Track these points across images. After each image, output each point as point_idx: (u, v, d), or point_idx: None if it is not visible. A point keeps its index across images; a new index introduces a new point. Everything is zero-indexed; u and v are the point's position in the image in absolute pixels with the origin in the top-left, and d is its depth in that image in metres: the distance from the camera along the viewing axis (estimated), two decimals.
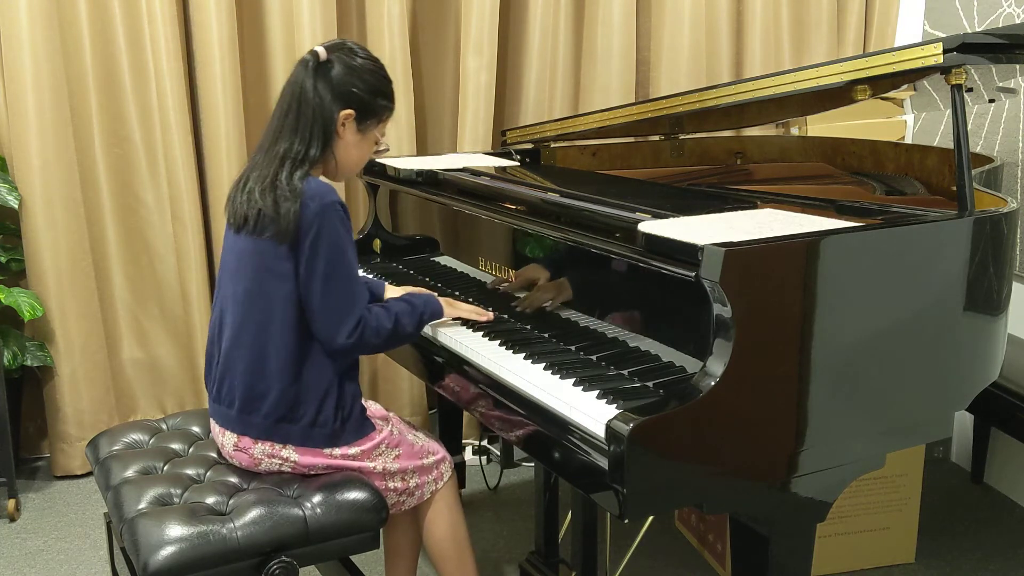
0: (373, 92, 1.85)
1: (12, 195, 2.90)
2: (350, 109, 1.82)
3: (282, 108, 1.84)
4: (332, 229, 1.75)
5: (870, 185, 2.36)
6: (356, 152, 1.88)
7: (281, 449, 1.82)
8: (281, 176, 1.76)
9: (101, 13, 3.01)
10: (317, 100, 1.80)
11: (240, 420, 1.82)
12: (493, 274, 2.06)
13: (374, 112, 1.87)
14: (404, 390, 3.32)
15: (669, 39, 3.33)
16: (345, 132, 1.84)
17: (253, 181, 1.79)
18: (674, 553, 2.68)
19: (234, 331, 1.82)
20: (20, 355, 2.93)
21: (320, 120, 1.81)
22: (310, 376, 1.80)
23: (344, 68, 1.82)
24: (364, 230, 2.67)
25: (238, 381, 1.81)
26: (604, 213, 1.76)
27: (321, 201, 1.74)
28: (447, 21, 3.28)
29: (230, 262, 1.85)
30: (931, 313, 1.60)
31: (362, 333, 1.78)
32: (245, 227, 1.78)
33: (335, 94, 1.81)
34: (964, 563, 2.63)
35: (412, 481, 1.92)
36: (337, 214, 1.76)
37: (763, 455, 1.46)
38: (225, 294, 1.86)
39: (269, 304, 1.78)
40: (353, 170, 1.93)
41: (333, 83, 1.81)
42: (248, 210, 1.77)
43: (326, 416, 1.82)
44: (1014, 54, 1.78)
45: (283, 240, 1.74)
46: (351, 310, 1.77)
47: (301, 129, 1.80)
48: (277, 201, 1.74)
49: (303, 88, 1.81)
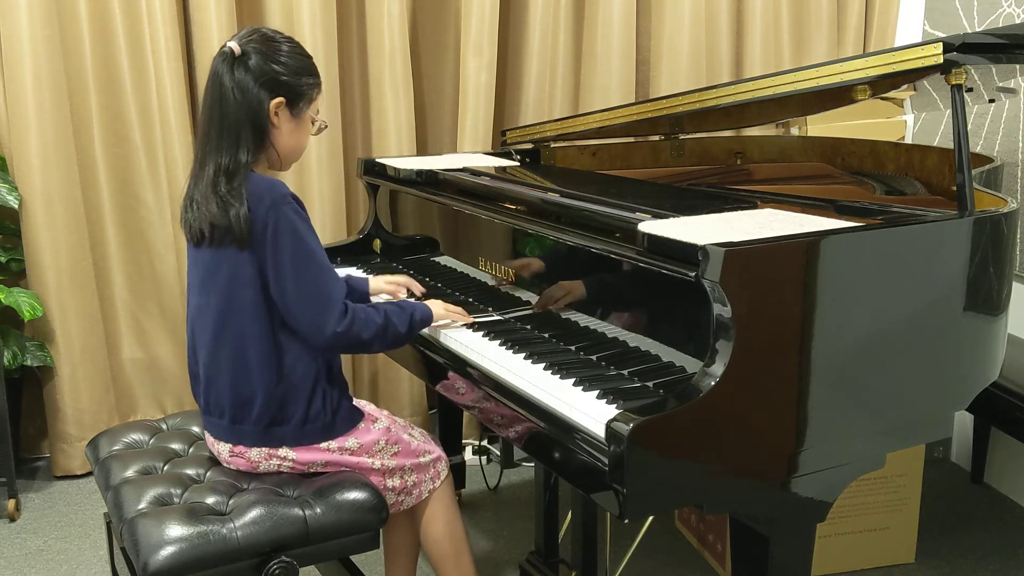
0: (297, 73, 1.78)
1: (12, 195, 2.90)
2: (279, 97, 1.76)
3: (205, 115, 1.78)
4: (287, 221, 1.71)
5: (870, 185, 2.36)
6: (294, 138, 1.83)
7: (278, 451, 1.83)
8: (220, 181, 1.72)
9: (101, 13, 3.01)
10: (240, 97, 1.74)
11: (233, 430, 1.82)
12: (493, 274, 2.06)
13: (302, 94, 1.80)
14: (404, 390, 3.32)
15: (669, 39, 3.33)
16: (280, 121, 1.78)
17: (197, 192, 1.75)
18: (674, 553, 2.68)
19: (211, 343, 1.80)
20: (20, 355, 2.93)
21: (247, 118, 1.74)
22: (293, 375, 1.79)
23: (261, 57, 1.75)
24: (364, 230, 2.67)
25: (224, 392, 1.80)
26: (604, 213, 1.76)
27: (270, 196, 1.71)
28: (447, 21, 3.28)
29: (195, 276, 1.83)
30: (931, 313, 1.60)
31: (350, 323, 1.75)
32: (204, 241, 1.75)
33: (259, 85, 1.74)
34: (964, 563, 2.63)
35: (410, 479, 1.92)
36: (289, 205, 1.72)
37: (763, 455, 1.46)
38: (195, 307, 1.83)
39: (241, 311, 1.75)
40: (296, 155, 1.87)
41: (255, 75, 1.74)
42: (201, 223, 1.73)
43: (316, 410, 1.81)
44: (1014, 54, 1.78)
45: (243, 246, 1.71)
46: (329, 297, 1.74)
47: (227, 136, 1.74)
48: (224, 207, 1.70)
49: (222, 89, 1.74)
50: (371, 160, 2.64)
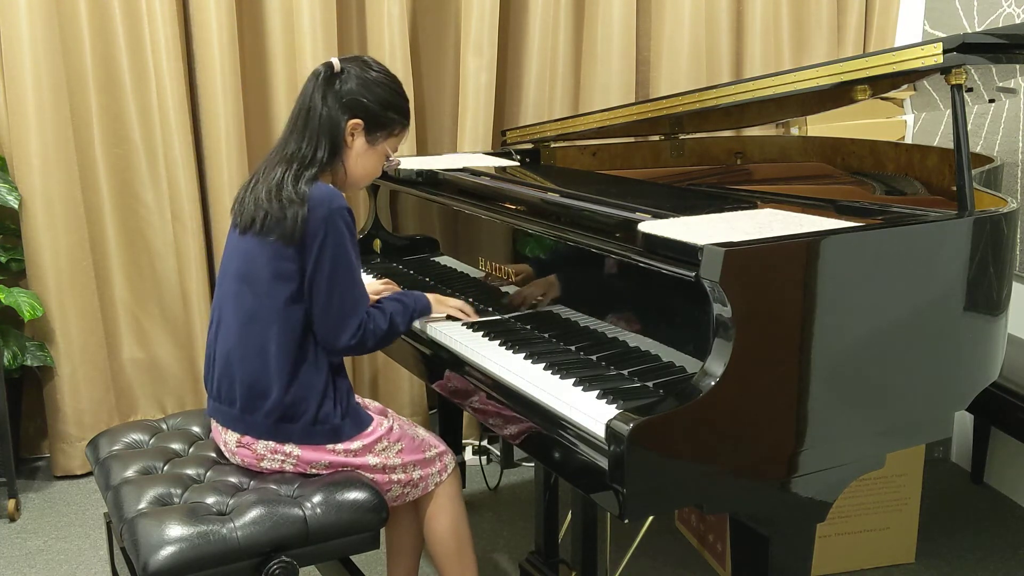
0: (384, 105, 1.87)
1: (12, 195, 2.90)
2: (358, 119, 1.85)
3: (292, 116, 1.88)
4: (338, 234, 1.77)
5: (870, 185, 2.36)
6: (364, 163, 1.90)
7: (284, 446, 1.83)
8: (287, 179, 1.78)
9: (101, 13, 3.01)
10: (325, 110, 1.83)
11: (242, 420, 1.83)
12: (493, 274, 2.06)
13: (384, 124, 1.89)
14: (404, 390, 3.32)
15: (669, 39, 3.33)
16: (354, 142, 1.87)
17: (262, 183, 1.81)
18: (674, 553, 2.68)
19: (235, 331, 1.83)
20: (20, 355, 2.93)
21: (328, 128, 1.83)
22: (308, 376, 1.81)
23: (356, 80, 1.85)
24: (364, 230, 2.67)
25: (239, 380, 1.82)
26: (604, 213, 1.76)
27: (328, 206, 1.76)
28: (447, 21, 3.28)
29: (232, 263, 1.86)
30: (931, 313, 1.60)
31: (363, 335, 1.81)
32: (251, 228, 1.80)
33: (344, 104, 1.84)
34: (964, 563, 2.63)
35: (415, 473, 1.93)
36: (344, 219, 1.78)
37: (763, 455, 1.46)
38: (226, 294, 1.87)
39: (272, 305, 1.79)
40: (362, 182, 1.95)
41: (343, 93, 1.84)
42: (255, 212, 1.79)
43: (326, 413, 1.83)
44: (1014, 54, 1.78)
45: (289, 242, 1.75)
46: (354, 313, 1.80)
47: (309, 134, 1.83)
48: (284, 205, 1.76)
49: (312, 98, 1.84)
50: None
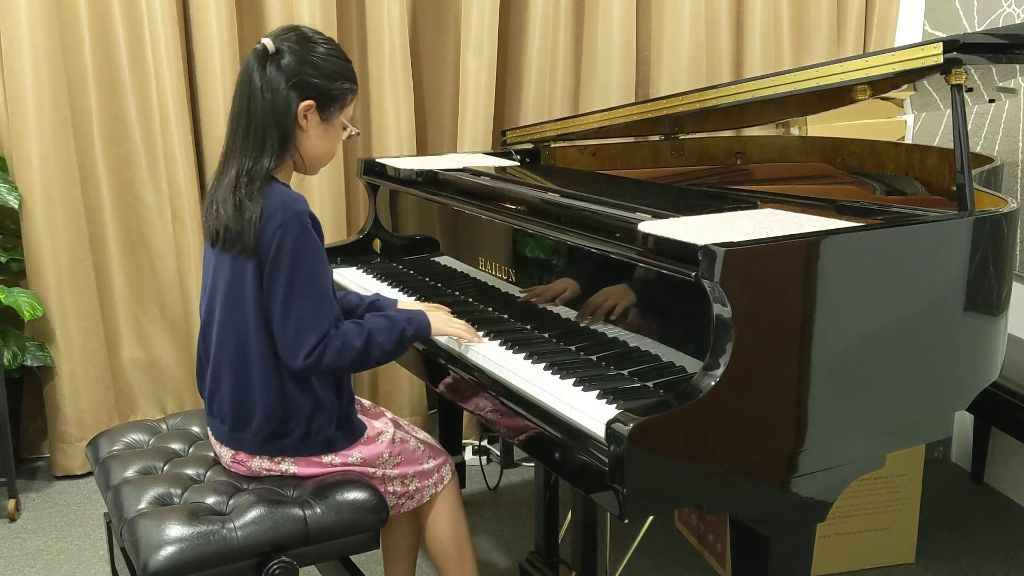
0: (331, 76, 1.72)
1: (12, 195, 2.90)
2: (309, 100, 1.71)
3: (233, 113, 1.73)
4: (295, 242, 1.66)
5: (870, 185, 2.36)
6: (323, 143, 1.77)
7: (279, 463, 1.82)
8: (241, 183, 1.67)
9: (101, 13, 3.01)
10: (268, 97, 1.68)
11: (233, 436, 1.81)
12: (493, 274, 2.06)
13: (336, 98, 1.74)
14: (404, 390, 3.32)
15: (669, 39, 3.33)
16: (308, 124, 1.73)
17: (219, 195, 1.71)
18: (674, 553, 2.68)
19: (217, 347, 1.78)
20: (20, 355, 2.93)
21: (274, 120, 1.69)
22: (295, 391, 1.75)
23: (295, 57, 1.69)
24: (364, 230, 2.67)
25: (226, 397, 1.79)
26: (604, 213, 1.76)
27: (284, 213, 1.66)
28: (447, 21, 3.28)
29: (209, 277, 1.80)
30: (931, 313, 1.60)
31: (321, 354, 1.67)
32: (218, 242, 1.72)
33: (289, 86, 1.68)
34: (964, 563, 2.63)
35: (412, 485, 1.92)
36: (302, 225, 1.67)
37: (763, 455, 1.46)
38: (210, 308, 1.81)
39: (245, 320, 1.72)
40: (324, 161, 1.81)
41: (286, 75, 1.68)
42: (217, 225, 1.70)
43: (318, 425, 1.79)
44: (1014, 54, 1.78)
45: (250, 255, 1.67)
46: (312, 328, 1.67)
47: (253, 137, 1.70)
48: (240, 211, 1.66)
49: (252, 87, 1.69)
50: (371, 160, 2.64)
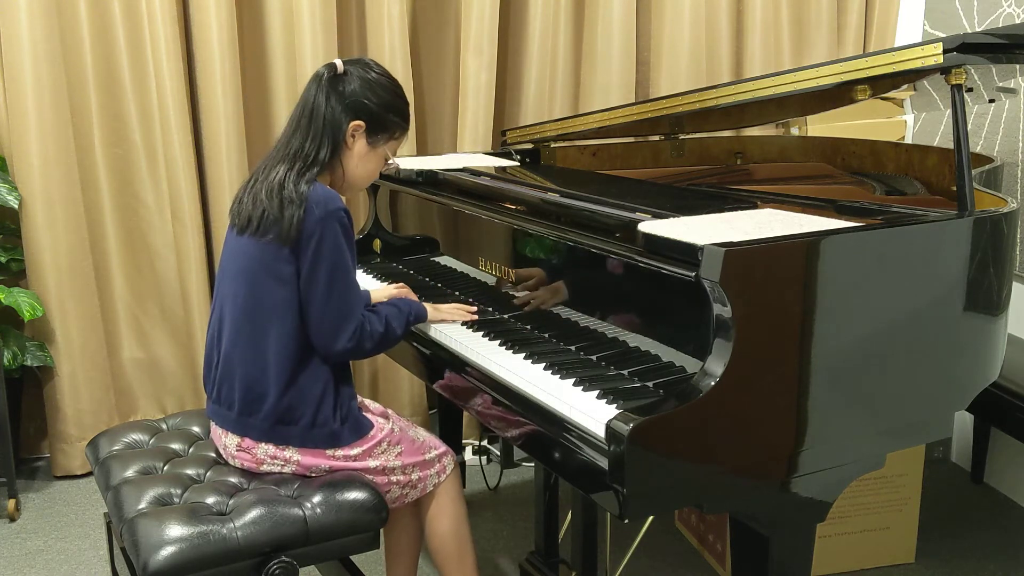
0: (386, 107, 1.88)
1: (12, 195, 2.90)
2: (360, 120, 1.85)
3: (294, 116, 1.87)
4: (334, 236, 1.76)
5: (870, 185, 2.36)
6: (364, 165, 1.90)
7: (284, 450, 1.83)
8: (288, 180, 1.78)
9: (101, 13, 3.01)
10: (329, 110, 1.83)
11: (240, 422, 1.83)
12: (493, 274, 2.06)
13: (385, 127, 1.89)
14: (404, 390, 3.32)
15: (669, 39, 3.33)
16: (355, 144, 1.87)
17: (260, 182, 1.81)
18: (674, 553, 2.68)
19: (233, 333, 1.82)
20: (20, 355, 2.93)
21: (331, 129, 1.83)
22: (306, 379, 1.81)
23: (359, 81, 1.85)
24: (364, 230, 2.67)
25: (237, 383, 1.82)
26: (604, 213, 1.76)
27: (325, 208, 1.75)
28: (447, 21, 3.28)
29: (230, 263, 1.86)
30: (931, 313, 1.60)
31: (359, 339, 1.80)
32: (248, 228, 1.79)
33: (346, 105, 1.84)
34: (964, 563, 2.63)
35: (414, 474, 1.93)
36: (341, 221, 1.77)
37: (763, 455, 1.46)
38: (224, 295, 1.86)
39: (268, 307, 1.78)
40: (361, 184, 1.94)
41: (345, 94, 1.84)
42: (253, 212, 1.79)
43: (324, 417, 1.83)
44: (1014, 54, 1.78)
45: (285, 243, 1.75)
46: (350, 317, 1.79)
47: (313, 133, 1.83)
48: (282, 204, 1.75)
49: (316, 98, 1.84)
50: None
